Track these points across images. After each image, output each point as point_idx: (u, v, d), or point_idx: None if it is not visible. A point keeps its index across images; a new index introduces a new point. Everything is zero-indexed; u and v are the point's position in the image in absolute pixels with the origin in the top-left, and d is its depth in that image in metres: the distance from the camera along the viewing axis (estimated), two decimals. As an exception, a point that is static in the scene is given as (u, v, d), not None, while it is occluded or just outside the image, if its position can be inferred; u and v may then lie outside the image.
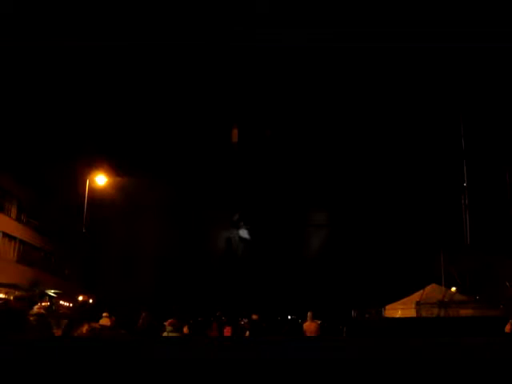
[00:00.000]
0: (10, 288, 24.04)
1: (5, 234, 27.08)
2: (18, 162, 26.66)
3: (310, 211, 33.39)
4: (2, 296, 22.79)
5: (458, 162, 24.26)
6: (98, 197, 27.07)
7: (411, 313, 17.49)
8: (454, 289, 20.04)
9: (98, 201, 27.07)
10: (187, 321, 16.43)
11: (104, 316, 14.56)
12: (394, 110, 25.56)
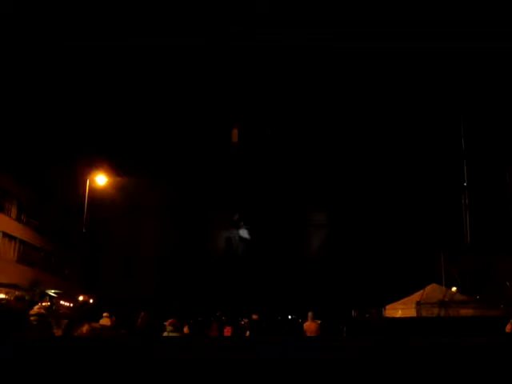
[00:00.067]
0: (10, 288, 24.02)
1: (5, 234, 27.07)
2: (18, 162, 26.65)
3: (310, 211, 33.41)
4: (3, 296, 22.78)
5: (458, 161, 24.26)
6: (98, 197, 27.07)
7: (411, 313, 17.48)
8: (454, 289, 20.03)
9: (98, 201, 27.07)
10: (187, 321, 16.42)
11: (104, 316, 14.55)
12: (394, 110, 25.57)
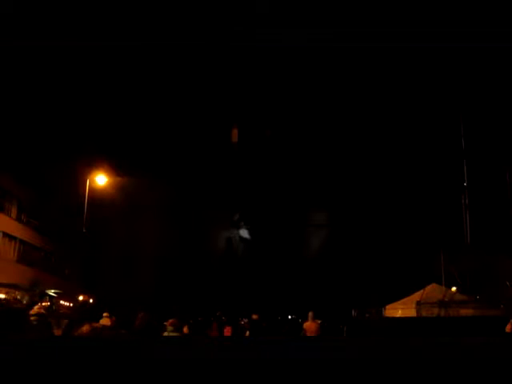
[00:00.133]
0: (10, 288, 24.02)
1: (5, 234, 27.07)
2: (18, 162, 26.65)
3: (310, 211, 33.41)
4: (2, 296, 22.78)
5: (458, 161, 24.26)
6: (98, 197, 27.07)
7: (411, 312, 17.48)
8: (454, 288, 20.02)
9: (98, 201, 27.07)
10: (187, 321, 16.42)
11: (104, 316, 14.55)
12: (394, 110, 25.57)
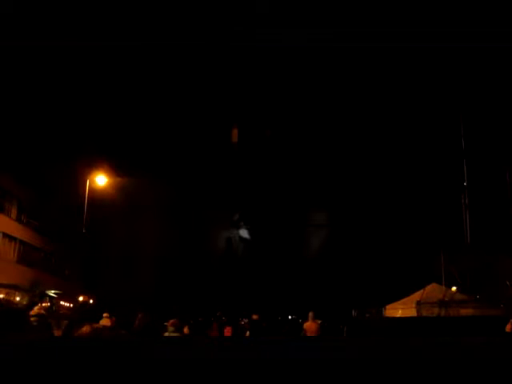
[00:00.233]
0: (10, 288, 24.02)
1: (5, 235, 27.07)
2: (18, 162, 26.65)
3: (310, 211, 33.41)
4: (2, 296, 22.78)
5: (458, 161, 24.26)
6: (98, 197, 27.06)
7: (412, 312, 17.48)
8: (454, 288, 20.00)
9: (98, 201, 27.06)
10: (188, 321, 16.42)
11: (104, 316, 14.55)
12: (394, 110, 25.57)
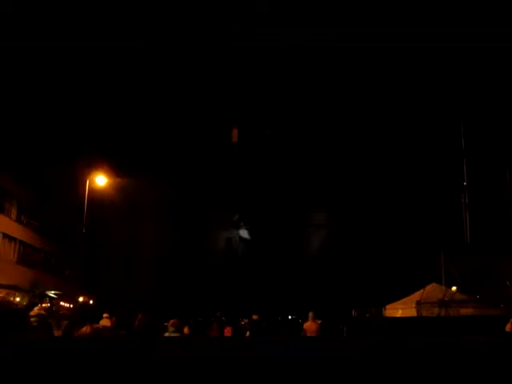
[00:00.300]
0: (10, 289, 24.01)
1: (5, 235, 27.07)
2: (18, 163, 26.65)
3: (310, 211, 33.40)
4: (2, 297, 22.77)
5: (458, 161, 24.26)
6: (97, 197, 27.06)
7: (411, 312, 17.47)
8: (454, 288, 19.99)
9: (98, 201, 27.06)
10: (188, 321, 16.42)
11: (104, 317, 14.56)
12: (393, 110, 25.57)
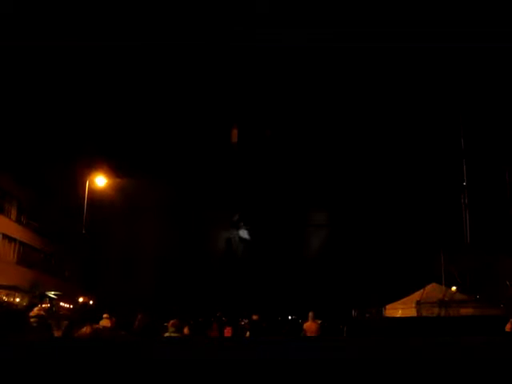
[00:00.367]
0: (10, 290, 24.00)
1: (5, 236, 27.06)
2: (18, 163, 26.65)
3: (310, 211, 33.40)
4: (2, 297, 22.76)
5: (458, 161, 24.26)
6: (97, 198, 27.05)
7: (411, 312, 17.46)
8: (454, 288, 19.98)
9: (97, 202, 27.06)
10: (188, 321, 16.42)
11: (104, 317, 14.55)
12: (393, 110, 25.57)
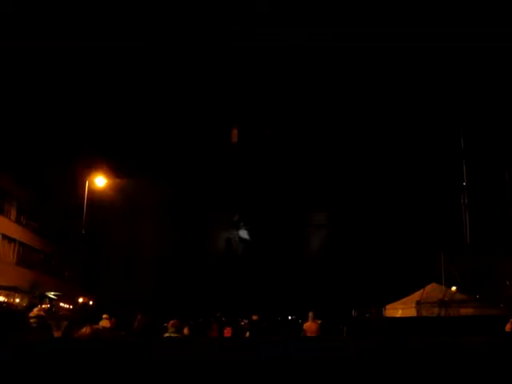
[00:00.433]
0: (9, 290, 24.00)
1: (4, 236, 27.06)
2: (18, 163, 26.65)
3: (310, 211, 33.41)
4: (2, 298, 22.77)
5: (458, 161, 24.26)
6: (97, 198, 27.05)
7: (411, 312, 17.47)
8: (454, 288, 19.99)
9: (97, 202, 27.06)
10: (187, 322, 16.42)
11: (104, 318, 14.55)
12: (393, 110, 25.57)
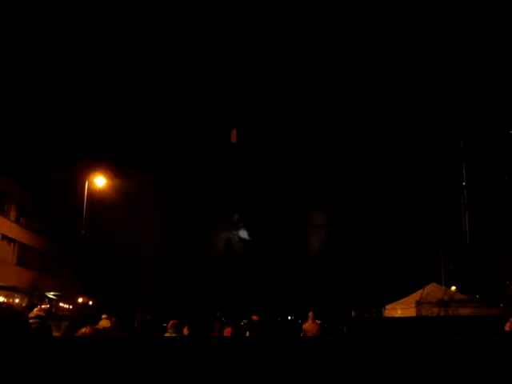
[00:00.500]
0: (9, 291, 23.98)
1: (4, 237, 27.04)
2: (18, 164, 26.64)
3: (310, 211, 33.42)
4: (2, 298, 22.75)
5: (457, 161, 24.27)
6: (97, 198, 27.03)
7: (411, 312, 17.46)
8: (453, 288, 20.00)
9: (97, 202, 27.04)
10: (187, 322, 16.40)
11: (104, 318, 14.55)
12: (393, 110, 25.59)
